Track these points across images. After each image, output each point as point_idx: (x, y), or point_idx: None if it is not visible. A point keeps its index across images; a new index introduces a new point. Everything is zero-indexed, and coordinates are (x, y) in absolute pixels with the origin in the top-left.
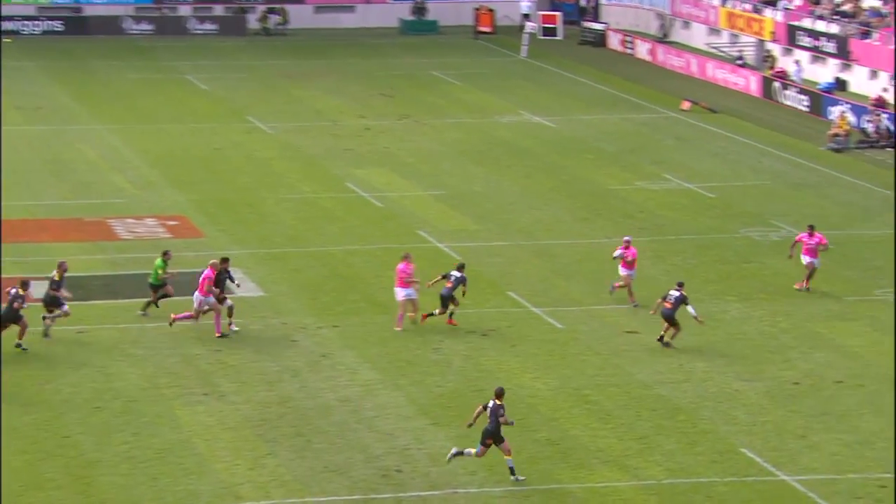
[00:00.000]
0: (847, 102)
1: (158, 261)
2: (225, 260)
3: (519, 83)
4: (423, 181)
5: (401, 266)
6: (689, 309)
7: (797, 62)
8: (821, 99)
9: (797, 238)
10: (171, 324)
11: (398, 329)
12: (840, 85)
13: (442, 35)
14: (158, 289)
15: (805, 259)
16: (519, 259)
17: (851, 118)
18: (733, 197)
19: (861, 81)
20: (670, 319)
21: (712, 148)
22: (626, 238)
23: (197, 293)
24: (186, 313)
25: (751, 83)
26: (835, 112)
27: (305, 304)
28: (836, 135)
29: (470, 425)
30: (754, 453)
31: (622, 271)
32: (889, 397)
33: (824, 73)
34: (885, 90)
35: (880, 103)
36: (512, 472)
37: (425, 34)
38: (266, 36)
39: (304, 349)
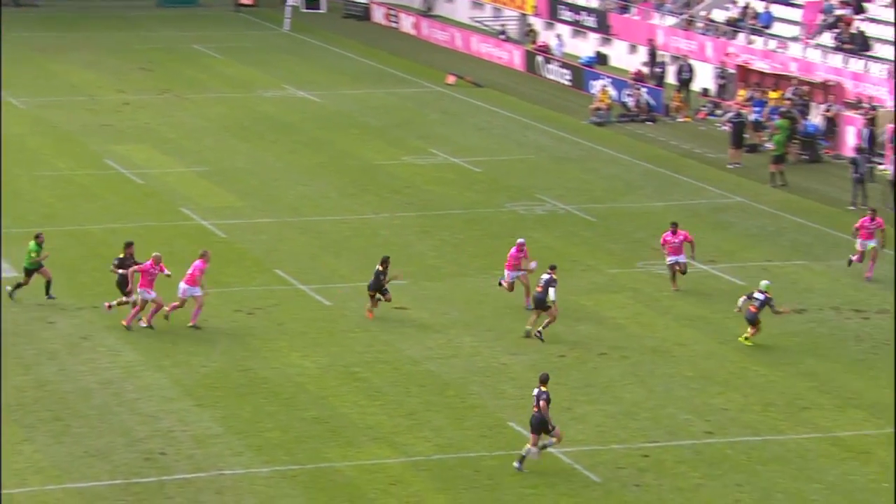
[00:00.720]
0: (608, 76)
1: (32, 244)
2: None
3: (282, 57)
4: (186, 157)
5: (197, 263)
6: (551, 292)
7: (559, 36)
8: (582, 73)
9: (664, 239)
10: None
11: (143, 324)
12: (601, 59)
13: (201, 7)
14: (33, 272)
15: (669, 259)
16: (285, 236)
17: (612, 92)
18: (499, 171)
19: (621, 55)
20: (542, 304)
21: (477, 122)
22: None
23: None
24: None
25: (514, 57)
26: (596, 86)
27: (64, 285)
28: (598, 109)
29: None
30: (522, 427)
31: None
32: (653, 367)
33: (585, 47)
34: (644, 64)
35: (640, 77)
36: (521, 460)
37: (184, 6)
38: (16, 7)
39: (62, 331)
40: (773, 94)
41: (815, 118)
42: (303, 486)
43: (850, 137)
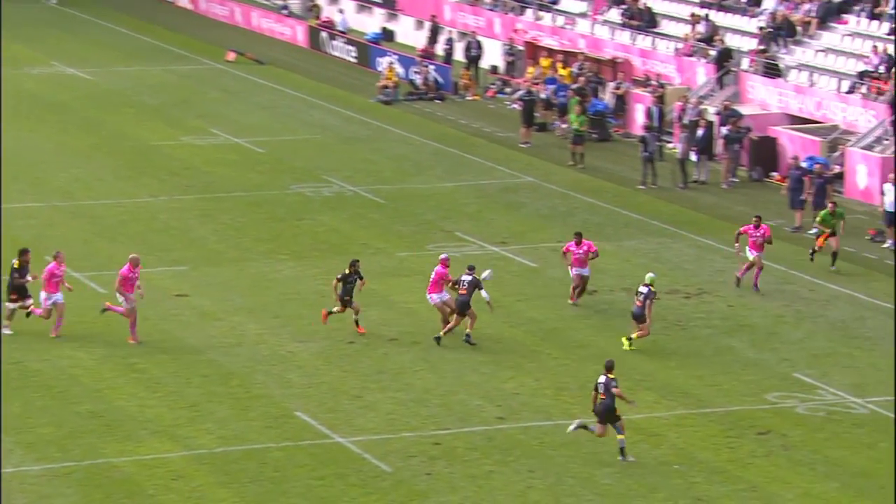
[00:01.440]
0: (394, 53)
1: None
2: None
3: (50, 32)
4: None
5: (51, 266)
6: (483, 294)
7: (342, 11)
8: (368, 50)
9: (567, 248)
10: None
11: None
12: (387, 35)
13: None
14: None
15: (573, 271)
16: (56, 221)
17: (399, 70)
18: (283, 152)
19: (407, 32)
20: (465, 308)
21: (260, 101)
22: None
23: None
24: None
25: (297, 33)
26: (383, 63)
27: None
28: (385, 87)
29: (595, 411)
30: (309, 416)
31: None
32: (444, 352)
33: (371, 22)
34: (428, 41)
35: (427, 55)
36: (622, 452)
37: None
38: None
39: None
40: (562, 72)
41: (605, 96)
42: (78, 484)
43: (640, 116)
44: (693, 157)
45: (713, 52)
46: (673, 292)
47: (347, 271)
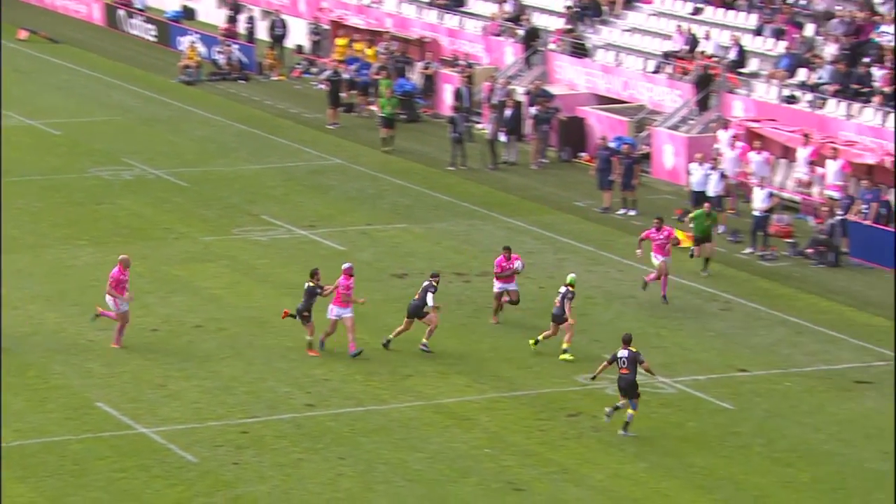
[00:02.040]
0: (196, 32)
1: None
2: None
3: None
4: None
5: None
6: (429, 299)
7: None
8: (169, 28)
9: (499, 265)
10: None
11: None
12: (187, 14)
13: None
14: None
15: (497, 286)
16: None
17: (201, 49)
18: (81, 134)
19: (209, 10)
20: (418, 312)
21: (55, 81)
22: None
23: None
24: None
25: (93, 11)
26: (184, 42)
27: None
28: (187, 66)
29: (593, 378)
30: (111, 407)
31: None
32: (251, 339)
33: (170, 0)
34: (228, 20)
35: (230, 34)
36: (626, 427)
37: None
38: None
39: None
40: (368, 52)
41: (413, 76)
42: None
43: (448, 96)
44: (502, 137)
45: (520, 32)
46: (484, 275)
47: (311, 283)
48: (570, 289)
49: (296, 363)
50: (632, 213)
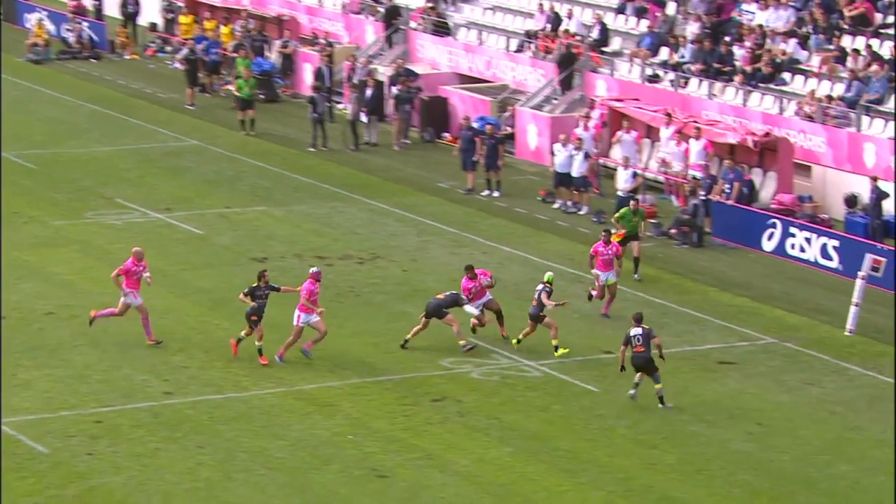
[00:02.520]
0: (44, 9)
1: None
2: None
3: None
4: None
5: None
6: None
7: None
8: (15, 5)
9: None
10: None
11: None
12: None
13: None
14: None
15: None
16: None
17: (50, 26)
18: None
19: None
20: (438, 313)
21: None
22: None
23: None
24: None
25: None
26: (31, 20)
27: None
28: (35, 45)
29: (622, 369)
30: None
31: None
32: (105, 326)
33: None
34: None
35: (79, 10)
36: (661, 400)
37: None
38: None
39: None
40: (224, 30)
41: (271, 55)
42: None
43: (308, 75)
44: (363, 118)
45: (381, 10)
46: (346, 258)
47: (256, 283)
48: (548, 286)
49: (153, 350)
50: (496, 194)
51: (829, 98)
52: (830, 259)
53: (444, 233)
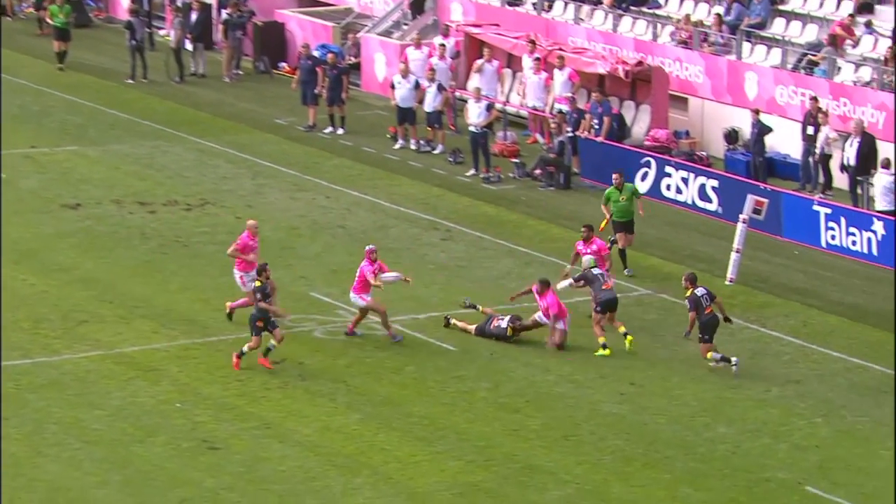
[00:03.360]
0: None
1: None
2: None
3: None
4: None
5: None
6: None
7: None
8: None
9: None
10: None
11: None
12: None
13: None
14: None
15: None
16: None
17: None
18: None
19: None
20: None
21: None
22: None
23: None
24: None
25: None
26: None
27: None
28: None
29: (688, 335)
30: None
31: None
32: None
33: None
34: None
35: None
36: (728, 360)
37: None
38: None
39: None
40: None
41: None
42: None
43: None
44: (188, 45)
45: None
46: (171, 204)
47: (258, 282)
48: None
49: None
50: (340, 131)
51: (707, 23)
52: (709, 201)
53: (283, 175)
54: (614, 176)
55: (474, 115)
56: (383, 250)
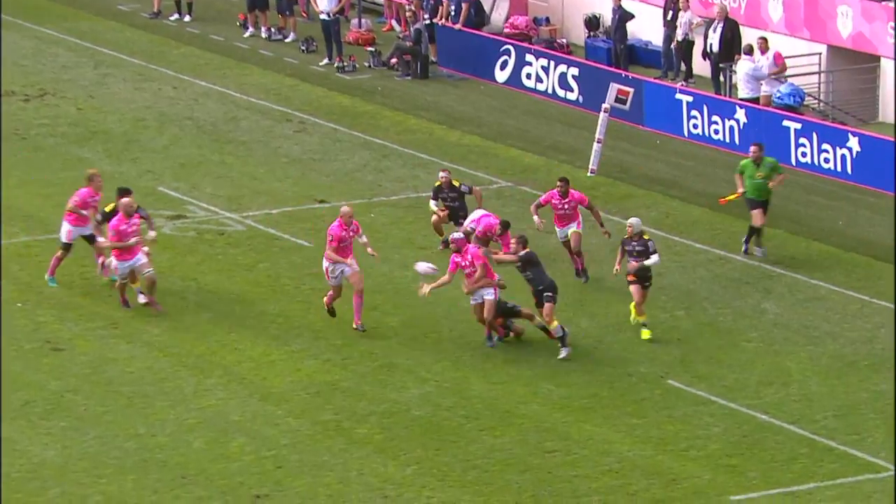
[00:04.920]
0: None
1: None
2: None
3: None
4: None
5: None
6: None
7: None
8: None
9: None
10: None
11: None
12: None
13: None
14: None
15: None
16: None
17: None
18: None
19: None
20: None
21: None
22: None
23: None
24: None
25: None
26: None
27: None
28: None
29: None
30: None
31: None
32: None
33: None
34: None
35: None
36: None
37: None
38: None
39: None
40: None
41: None
42: None
43: None
44: None
45: None
46: (8, 94)
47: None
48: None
49: None
50: (187, 18)
51: None
52: (570, 90)
53: (127, 64)
54: (752, 149)
55: (323, 1)
56: (234, 143)
